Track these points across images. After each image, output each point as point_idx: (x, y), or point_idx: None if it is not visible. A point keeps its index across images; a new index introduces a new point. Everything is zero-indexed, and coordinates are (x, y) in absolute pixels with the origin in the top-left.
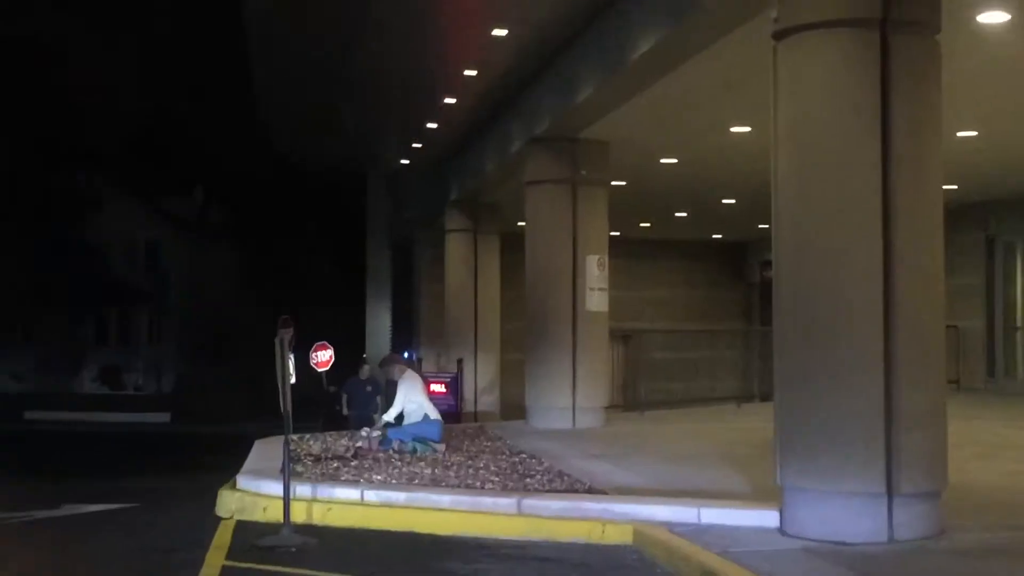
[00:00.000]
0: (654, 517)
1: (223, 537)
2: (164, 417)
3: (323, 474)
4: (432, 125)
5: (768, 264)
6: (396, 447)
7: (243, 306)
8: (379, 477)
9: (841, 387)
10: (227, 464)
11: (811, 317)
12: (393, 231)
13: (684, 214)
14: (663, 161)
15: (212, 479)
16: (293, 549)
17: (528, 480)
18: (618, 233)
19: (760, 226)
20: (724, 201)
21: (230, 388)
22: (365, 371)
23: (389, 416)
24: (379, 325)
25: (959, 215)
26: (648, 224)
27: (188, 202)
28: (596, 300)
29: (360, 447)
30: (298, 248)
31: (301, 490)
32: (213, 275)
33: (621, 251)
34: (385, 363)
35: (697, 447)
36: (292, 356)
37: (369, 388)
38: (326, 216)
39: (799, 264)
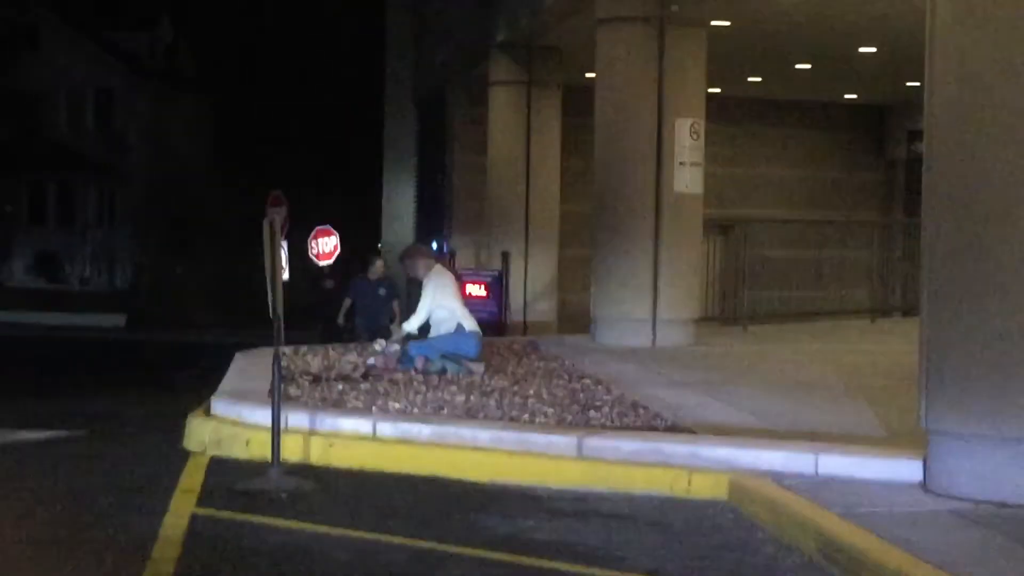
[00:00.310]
0: (757, 465)
1: (193, 477)
2: (118, 320)
3: (324, 399)
4: None
5: (918, 135)
6: (420, 366)
7: (220, 179)
8: (397, 405)
9: (1016, 301)
10: (199, 383)
11: (979, 207)
12: (419, 82)
13: (807, 66)
14: None
15: (180, 402)
16: (284, 495)
17: (592, 413)
18: (719, 90)
19: (908, 84)
20: (861, 49)
21: (202, 285)
22: (377, 268)
23: (411, 326)
24: (400, 207)
25: None
26: (759, 79)
27: (150, 40)
28: (688, 178)
29: (373, 365)
30: (292, 104)
31: (295, 419)
32: (182, 137)
33: (722, 114)
34: (407, 256)
35: (816, 375)
36: (285, 244)
37: (382, 291)
38: (328, 60)
39: (962, 134)
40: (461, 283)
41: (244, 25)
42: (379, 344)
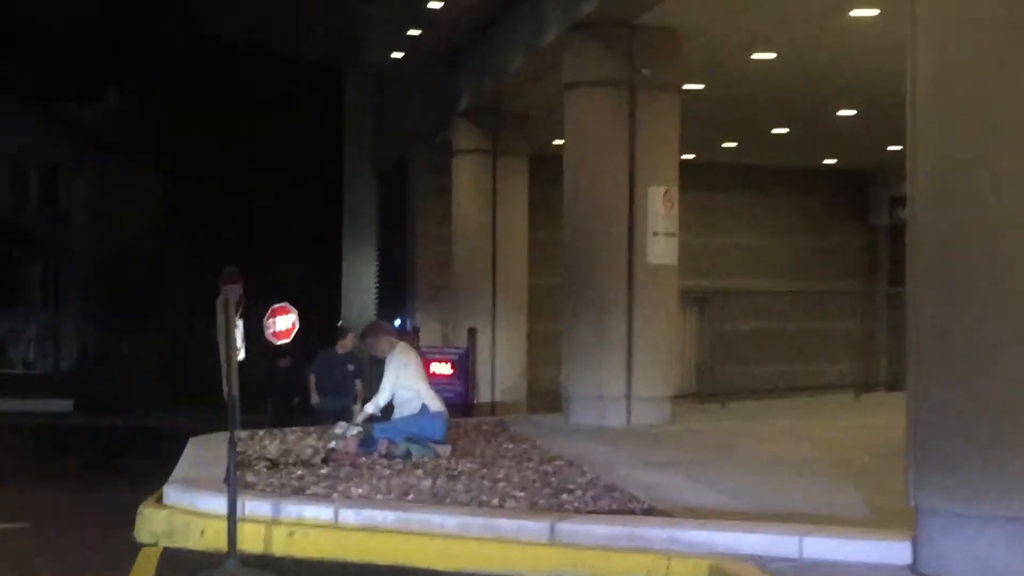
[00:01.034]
0: (739, 548)
1: (144, 570)
2: (64, 405)
3: (283, 485)
4: (436, 3)
5: (901, 201)
6: (383, 449)
7: (171, 255)
8: (360, 490)
9: (1005, 377)
10: (150, 470)
11: (964, 278)
12: (380, 152)
13: (784, 130)
14: (756, 57)
15: (130, 490)
16: None
17: (565, 496)
18: (692, 156)
19: (890, 148)
20: (840, 113)
21: (153, 367)
22: (347, 341)
23: (374, 407)
24: (360, 281)
25: None
26: (734, 144)
27: (99, 110)
28: (661, 249)
29: (334, 449)
30: (248, 176)
31: (253, 507)
32: (132, 210)
33: (697, 181)
34: (368, 333)
35: (799, 453)
36: (240, 323)
37: (350, 367)
38: (286, 130)
39: (946, 200)
40: (426, 361)
41: (198, 93)
42: (340, 427)
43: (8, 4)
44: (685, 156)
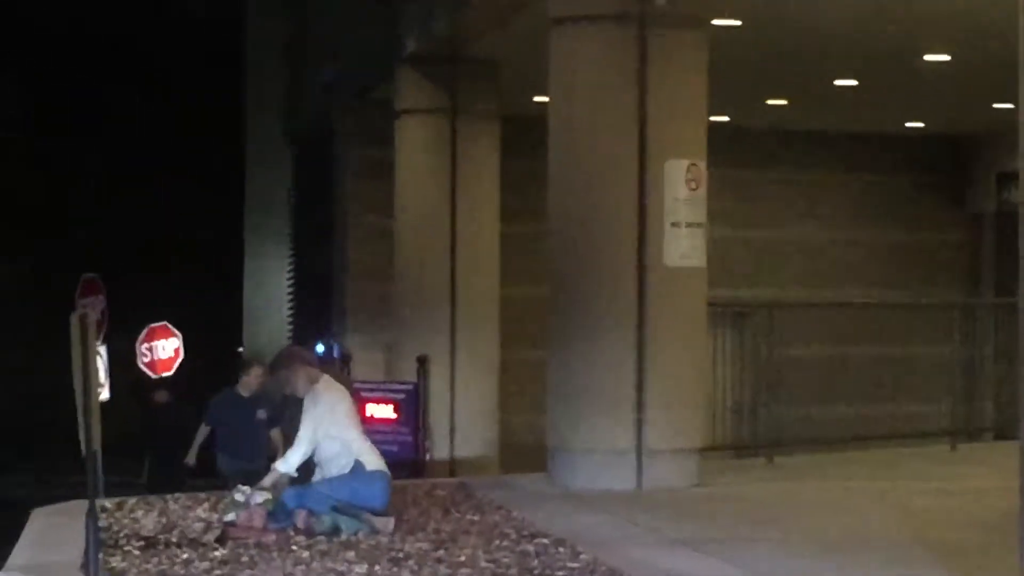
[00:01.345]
0: None
1: None
2: None
3: (163, 573)
4: None
5: (1013, 179)
6: (301, 523)
7: (7, 257)
8: None
9: None
10: None
11: None
12: (295, 115)
13: (851, 82)
14: None
15: None
16: None
17: None
18: (726, 119)
19: (997, 106)
20: (928, 57)
21: None
22: (252, 377)
23: (288, 465)
24: (269, 293)
25: None
26: (783, 102)
27: None
28: (683, 245)
29: (232, 523)
30: (111, 145)
31: None
32: None
33: (732, 153)
34: (280, 364)
35: (872, 526)
36: (103, 350)
37: (260, 413)
38: (164, 90)
39: None
40: (360, 401)
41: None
42: (241, 493)
43: None
44: (716, 118)
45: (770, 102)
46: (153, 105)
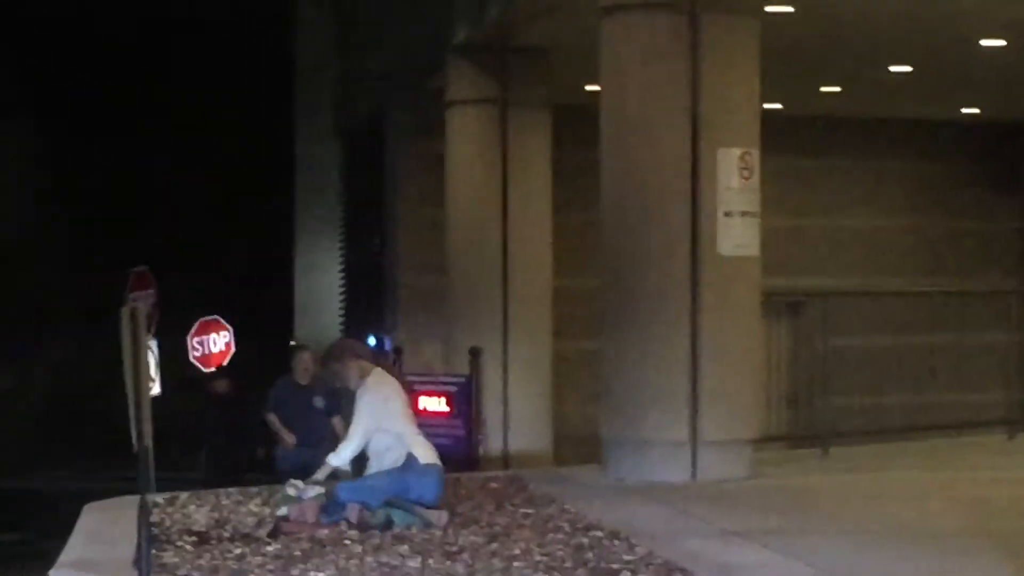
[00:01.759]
0: None
1: None
2: None
3: (216, 569)
4: None
5: None
6: (354, 517)
7: (58, 250)
8: (323, 575)
9: None
10: (29, 549)
11: None
12: (346, 106)
13: (906, 68)
14: None
15: None
16: None
17: None
18: (779, 106)
19: None
20: (984, 43)
21: (32, 407)
22: (305, 366)
23: (341, 458)
24: (320, 285)
25: None
26: (836, 89)
27: None
28: (737, 234)
29: (285, 517)
30: (163, 142)
31: None
32: None
33: (786, 142)
34: (332, 357)
35: (931, 517)
36: (154, 344)
37: (317, 401)
38: (214, 78)
39: None
40: (412, 395)
41: (92, 25)
42: (294, 488)
43: None
44: (769, 106)
45: (823, 89)
46: (203, 99)
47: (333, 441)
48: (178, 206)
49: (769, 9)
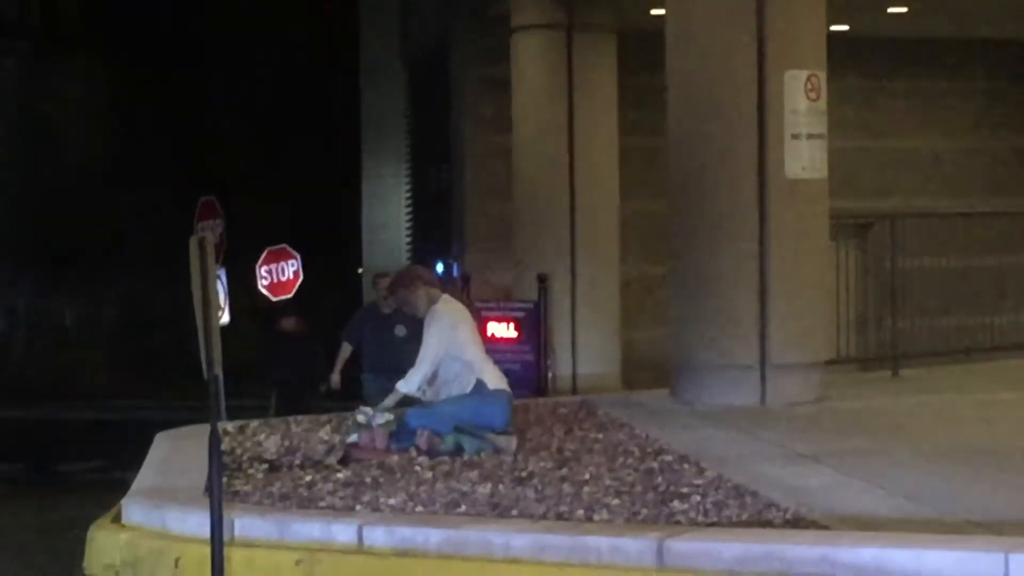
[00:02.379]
0: (919, 571)
1: None
2: None
3: (286, 496)
4: None
5: None
6: (424, 444)
7: (126, 181)
8: (392, 501)
9: None
10: (103, 479)
11: None
12: (410, 32)
13: None
14: None
15: (78, 506)
16: None
17: (677, 504)
18: (846, 28)
19: None
20: None
21: (104, 337)
22: (380, 291)
23: (410, 385)
24: (387, 212)
25: None
26: (904, 9)
27: None
28: (804, 157)
29: (355, 444)
30: (227, 73)
31: (246, 527)
32: (69, 122)
33: (852, 63)
34: (401, 284)
35: (1002, 438)
36: (222, 273)
37: (399, 330)
38: (279, 7)
39: None
40: (481, 321)
41: None
42: (363, 415)
43: None
44: (835, 27)
45: (890, 10)
46: (268, 29)
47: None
48: (248, 136)
49: None
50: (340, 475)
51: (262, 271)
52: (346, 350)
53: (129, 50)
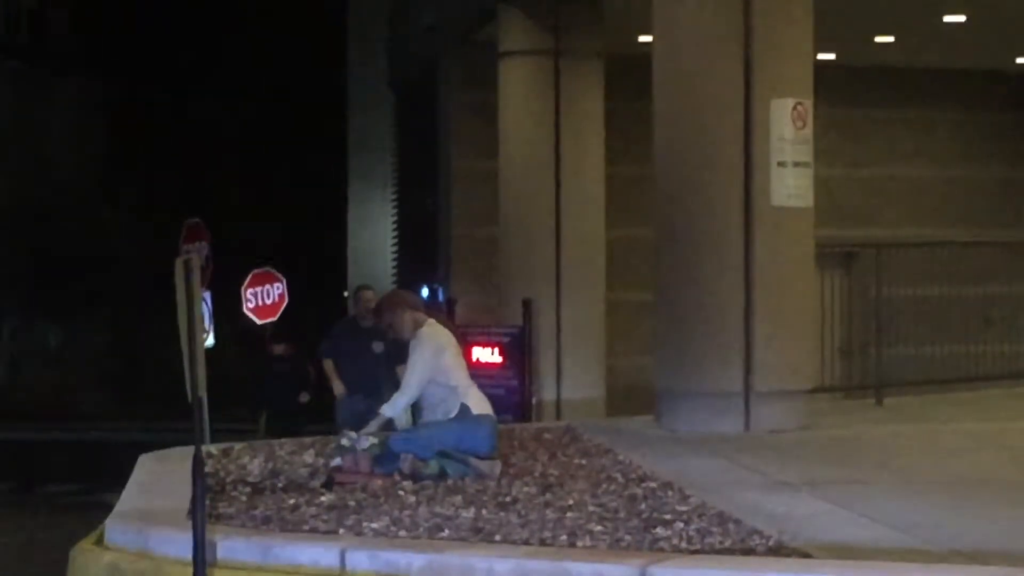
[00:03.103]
0: None
1: None
2: None
3: (269, 519)
4: None
5: None
6: (407, 468)
7: (115, 203)
8: (376, 525)
9: None
10: (86, 500)
11: None
12: (397, 57)
13: (959, 18)
14: None
15: (60, 527)
16: None
17: (660, 531)
18: (831, 56)
19: None
20: None
21: (91, 359)
22: (368, 305)
23: (393, 409)
24: (373, 237)
25: None
26: (890, 39)
27: (13, 8)
28: (789, 185)
29: (339, 468)
30: (217, 96)
31: (229, 550)
32: (57, 143)
33: (838, 92)
34: (386, 307)
35: (986, 467)
36: (208, 295)
37: (376, 346)
38: (267, 31)
39: None
40: (466, 345)
41: None
42: (348, 438)
43: None
44: (822, 56)
45: (877, 39)
46: (256, 53)
47: (394, 390)
48: (237, 159)
49: None
50: (324, 499)
51: (247, 294)
52: (330, 365)
53: (118, 73)
